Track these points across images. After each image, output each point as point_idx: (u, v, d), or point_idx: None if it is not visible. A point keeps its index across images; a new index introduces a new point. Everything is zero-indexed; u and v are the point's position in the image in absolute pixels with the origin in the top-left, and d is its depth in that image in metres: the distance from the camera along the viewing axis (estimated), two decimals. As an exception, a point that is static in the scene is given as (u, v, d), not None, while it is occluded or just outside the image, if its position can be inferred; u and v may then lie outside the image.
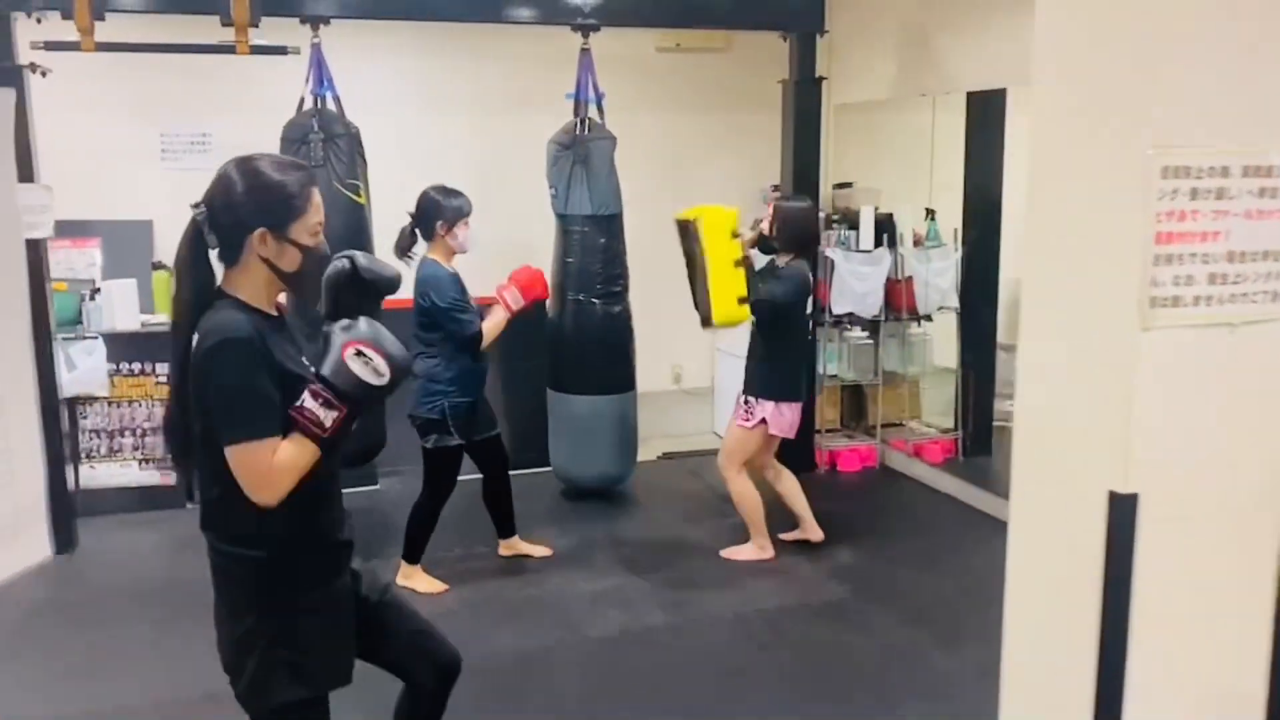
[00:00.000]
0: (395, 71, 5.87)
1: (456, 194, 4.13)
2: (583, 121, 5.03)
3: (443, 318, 4.01)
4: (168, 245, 5.76)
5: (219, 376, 1.90)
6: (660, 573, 4.44)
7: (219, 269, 2.02)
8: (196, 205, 1.97)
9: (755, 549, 4.56)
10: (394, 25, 5.36)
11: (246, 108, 5.37)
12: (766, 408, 4.39)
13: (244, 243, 1.97)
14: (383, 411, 4.48)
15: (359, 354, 1.97)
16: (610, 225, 5.11)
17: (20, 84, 4.25)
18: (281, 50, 4.55)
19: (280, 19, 4.56)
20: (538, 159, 5.14)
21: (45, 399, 4.51)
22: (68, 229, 5.11)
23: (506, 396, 5.74)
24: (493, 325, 4.12)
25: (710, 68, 6.35)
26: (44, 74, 4.38)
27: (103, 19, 4.28)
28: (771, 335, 4.40)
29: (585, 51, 5.04)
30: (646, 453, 5.74)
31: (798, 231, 4.41)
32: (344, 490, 2.20)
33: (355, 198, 4.59)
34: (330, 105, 4.66)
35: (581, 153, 5.00)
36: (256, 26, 4.45)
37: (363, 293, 2.23)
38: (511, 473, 4.48)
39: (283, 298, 2.10)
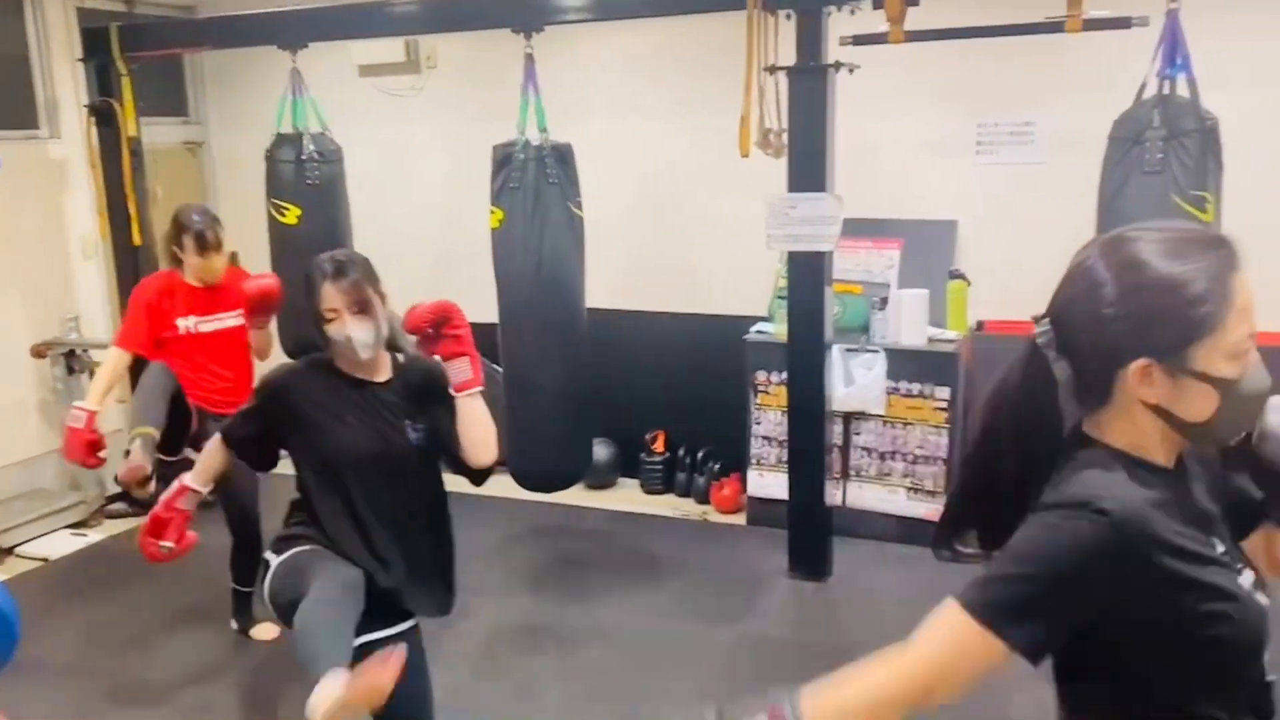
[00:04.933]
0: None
1: None
2: None
3: None
4: (971, 250, 5.27)
5: (1027, 541, 1.18)
6: None
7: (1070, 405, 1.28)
8: (1039, 319, 1.25)
9: None
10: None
11: (1077, 90, 4.47)
12: None
13: (1113, 378, 1.21)
14: None
15: None
16: None
17: (824, 85, 3.96)
18: (1124, 23, 3.56)
19: (1125, -18, 3.57)
20: None
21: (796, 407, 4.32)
22: (868, 228, 4.83)
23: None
24: None
25: None
26: (851, 70, 4.03)
27: (916, 3, 3.77)
28: None
29: None
30: None
31: None
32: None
33: (1200, 214, 3.43)
34: (1181, 91, 3.54)
35: None
36: (1094, -5, 3.54)
37: None
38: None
39: None
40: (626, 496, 5.55)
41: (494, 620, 4.13)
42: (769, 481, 4.89)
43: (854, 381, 4.62)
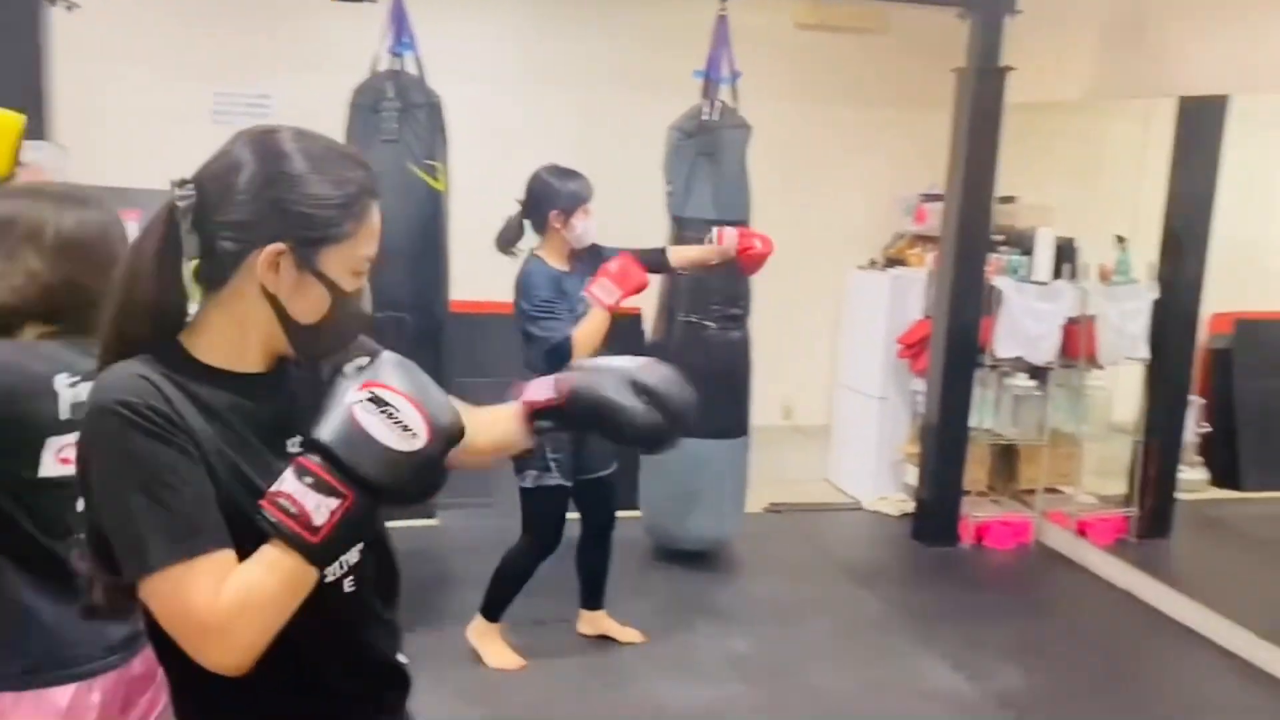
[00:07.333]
0: (490, 35, 5.02)
1: (574, 175, 3.35)
2: (713, 104, 4.13)
3: (524, 323, 3.26)
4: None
5: (101, 471, 1.12)
6: (777, 681, 3.52)
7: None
8: (181, 183, 1.15)
9: None
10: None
11: (314, 67, 4.58)
12: None
13: (241, 259, 1.16)
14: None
15: (377, 402, 1.13)
16: (736, 233, 4.21)
17: (35, 18, 3.48)
18: (356, -3, 3.74)
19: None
20: (655, 149, 4.25)
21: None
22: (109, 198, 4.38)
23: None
24: (588, 331, 3.24)
25: (859, 51, 5.40)
26: (69, 7, 3.60)
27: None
28: None
29: (722, 19, 4.14)
30: (751, 502, 4.81)
31: None
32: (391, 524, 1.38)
33: (433, 181, 3.74)
34: (410, 68, 3.82)
35: (708, 143, 4.10)
36: (328, -33, 3.65)
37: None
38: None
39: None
40: None
41: None
42: None
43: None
